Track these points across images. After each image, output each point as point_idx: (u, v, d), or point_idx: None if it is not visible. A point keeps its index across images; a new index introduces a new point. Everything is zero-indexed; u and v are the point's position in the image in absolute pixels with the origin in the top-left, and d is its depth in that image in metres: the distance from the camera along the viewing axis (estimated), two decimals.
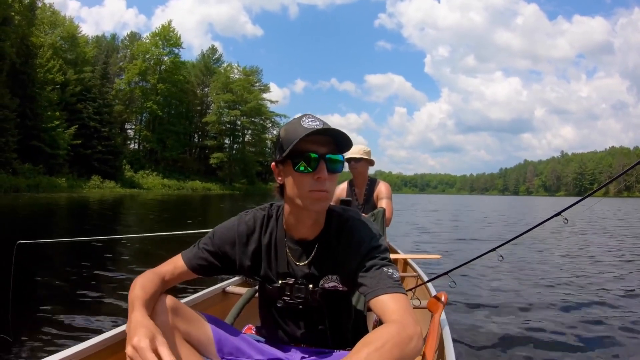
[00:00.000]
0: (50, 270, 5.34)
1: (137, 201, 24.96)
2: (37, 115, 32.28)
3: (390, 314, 0.91)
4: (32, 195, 23.53)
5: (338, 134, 1.00)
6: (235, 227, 1.15)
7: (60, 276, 5.03)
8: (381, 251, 1.05)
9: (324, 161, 1.00)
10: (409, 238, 10.22)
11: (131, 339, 0.84)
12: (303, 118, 1.02)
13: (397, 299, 0.94)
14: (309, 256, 1.12)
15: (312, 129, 0.97)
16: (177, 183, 48.92)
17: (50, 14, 41.51)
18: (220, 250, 1.14)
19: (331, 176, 1.01)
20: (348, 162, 3.05)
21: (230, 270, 1.18)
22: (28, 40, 32.32)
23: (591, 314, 3.84)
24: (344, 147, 1.03)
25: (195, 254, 1.15)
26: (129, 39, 58.63)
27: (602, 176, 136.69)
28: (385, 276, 0.99)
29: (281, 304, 1.14)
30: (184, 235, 3.40)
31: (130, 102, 53.24)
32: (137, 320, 0.89)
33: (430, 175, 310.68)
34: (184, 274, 1.14)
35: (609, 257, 7.52)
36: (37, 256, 5.74)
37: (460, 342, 3.01)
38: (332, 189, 1.03)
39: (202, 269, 1.15)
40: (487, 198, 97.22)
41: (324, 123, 1.01)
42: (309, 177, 1.00)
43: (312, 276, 1.12)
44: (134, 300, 0.95)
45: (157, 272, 1.10)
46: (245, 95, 58.69)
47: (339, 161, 1.03)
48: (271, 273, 1.15)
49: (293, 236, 1.13)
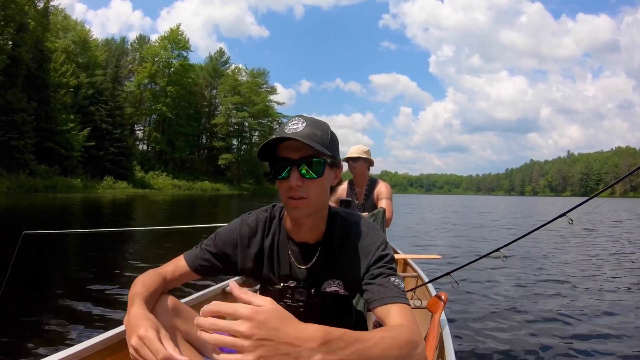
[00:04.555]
0: (58, 262, 5.54)
1: (149, 201, 25.42)
2: (51, 118, 33.22)
3: (396, 322, 0.91)
4: (52, 195, 24.13)
5: (305, 139, 0.93)
6: (237, 228, 1.15)
7: (67, 268, 5.21)
8: (388, 260, 1.04)
9: (297, 167, 0.97)
10: (409, 238, 10.24)
11: (136, 330, 0.83)
12: (289, 121, 1.00)
13: (402, 309, 0.94)
14: (311, 260, 1.11)
15: (278, 137, 0.96)
16: (187, 183, 49.76)
17: (62, 19, 42.32)
18: (222, 251, 1.14)
19: (310, 181, 0.98)
20: (347, 162, 3.06)
21: (231, 272, 1.18)
22: (42, 45, 33.22)
23: (592, 315, 3.81)
24: (329, 148, 0.98)
25: (197, 255, 1.14)
26: (137, 42, 59.54)
27: (608, 176, 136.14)
28: (392, 285, 0.98)
29: (282, 306, 1.34)
30: (191, 230, 3.45)
31: (140, 104, 54.12)
32: (139, 313, 0.88)
33: (436, 176, 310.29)
34: (185, 275, 1.13)
35: (614, 258, 7.47)
36: (49, 249, 6.02)
37: (460, 342, 3.02)
38: (314, 194, 0.99)
39: (204, 270, 1.14)
40: (495, 199, 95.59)
41: (310, 125, 0.97)
42: (285, 184, 0.98)
43: (313, 280, 1.12)
44: (135, 296, 0.95)
45: (159, 272, 1.09)
46: (253, 97, 59.59)
47: (316, 165, 0.98)
48: (273, 275, 1.15)
49: (295, 239, 1.13)
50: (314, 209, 1.03)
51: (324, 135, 0.99)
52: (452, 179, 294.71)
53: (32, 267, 4.86)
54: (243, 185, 58.12)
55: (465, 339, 3.11)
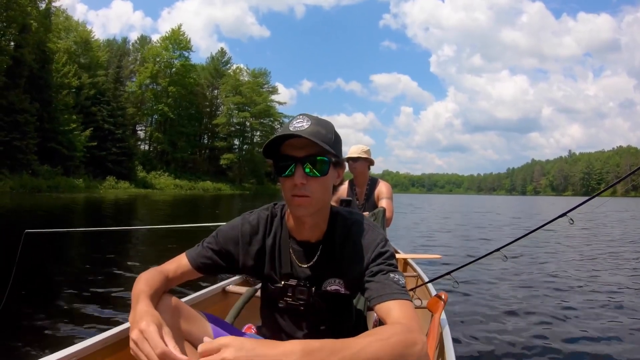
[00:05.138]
0: (59, 261, 5.58)
1: (151, 201, 25.43)
2: (54, 118, 33.31)
3: (396, 319, 0.89)
4: (55, 195, 24.21)
5: (311, 136, 0.94)
6: (239, 226, 1.15)
7: (69, 268, 5.24)
8: (388, 257, 1.03)
9: (301, 165, 0.97)
10: (409, 238, 10.23)
11: (138, 324, 0.83)
12: (293, 119, 1.00)
13: (403, 305, 0.93)
14: (313, 258, 1.11)
15: (284, 133, 0.96)
16: (189, 183, 49.90)
17: (63, 19, 42.40)
18: (224, 249, 1.14)
19: (314, 179, 0.98)
20: (347, 162, 3.03)
21: (233, 270, 1.18)
22: (45, 46, 33.27)
23: (593, 315, 3.80)
24: (332, 147, 0.99)
25: (199, 253, 1.14)
26: (139, 42, 59.67)
27: (610, 176, 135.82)
28: (392, 282, 0.98)
29: (283, 304, 1.15)
30: (193, 230, 3.46)
31: (142, 104, 54.28)
32: (144, 309, 0.88)
33: (438, 176, 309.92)
34: (187, 273, 1.13)
35: (615, 258, 7.42)
36: (51, 248, 6.04)
37: (460, 342, 3.01)
38: (317, 193, 1.00)
39: (206, 268, 1.14)
40: (497, 198, 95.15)
41: (315, 123, 0.98)
42: (289, 181, 0.98)
43: (314, 278, 1.12)
44: (139, 294, 0.94)
45: (161, 270, 1.08)
46: (254, 97, 59.72)
47: (321, 164, 0.98)
48: (274, 273, 1.15)
49: (296, 237, 1.13)
50: (316, 208, 1.02)
51: (328, 134, 0.99)
52: (453, 179, 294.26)
53: (34, 265, 4.90)
54: (245, 185, 58.23)
55: (465, 339, 3.10)
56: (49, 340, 2.81)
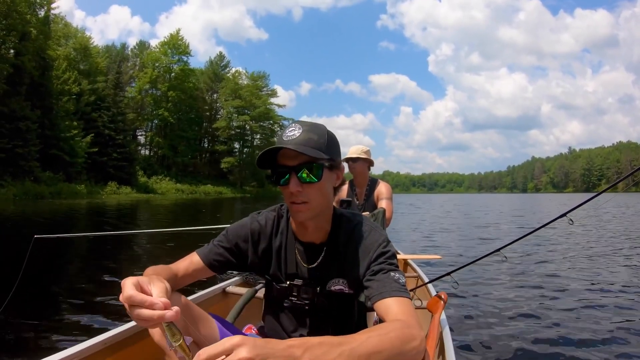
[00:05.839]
0: (67, 266, 5.61)
1: (153, 205, 25.53)
2: (55, 125, 33.45)
3: (395, 316, 0.91)
4: (58, 201, 24.28)
5: (301, 145, 0.97)
6: (248, 224, 1.19)
7: (75, 272, 5.28)
8: (389, 257, 1.06)
9: (295, 174, 0.99)
10: (409, 238, 10.28)
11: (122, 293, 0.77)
12: (286, 128, 1.02)
13: (402, 302, 0.94)
14: (317, 259, 1.14)
15: (273, 147, 0.99)
16: (190, 187, 50.01)
17: (62, 26, 42.59)
18: (235, 246, 1.17)
19: (309, 186, 1.01)
20: (347, 162, 3.06)
21: (243, 267, 1.21)
22: (44, 53, 33.42)
23: (594, 315, 3.78)
24: (327, 151, 1.01)
25: (210, 250, 1.16)
26: (138, 47, 59.89)
27: (610, 172, 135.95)
28: (392, 280, 1.00)
29: (288, 304, 1.18)
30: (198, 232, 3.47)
31: (142, 109, 54.48)
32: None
33: (439, 175, 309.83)
34: (199, 271, 1.15)
35: (615, 257, 7.34)
36: (58, 253, 6.12)
37: (460, 342, 3.01)
38: (315, 198, 1.02)
39: (218, 265, 1.16)
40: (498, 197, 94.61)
41: (306, 130, 1.00)
42: (286, 190, 1.01)
43: (319, 279, 1.15)
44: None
45: (170, 267, 1.09)
46: (254, 100, 60.00)
47: (315, 169, 1.00)
48: (280, 273, 1.18)
49: (301, 239, 1.16)
50: (316, 212, 1.05)
51: (320, 139, 1.01)
52: (454, 178, 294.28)
53: (42, 270, 4.96)
54: (246, 188, 58.42)
55: (465, 339, 3.10)
56: (52, 344, 2.81)
